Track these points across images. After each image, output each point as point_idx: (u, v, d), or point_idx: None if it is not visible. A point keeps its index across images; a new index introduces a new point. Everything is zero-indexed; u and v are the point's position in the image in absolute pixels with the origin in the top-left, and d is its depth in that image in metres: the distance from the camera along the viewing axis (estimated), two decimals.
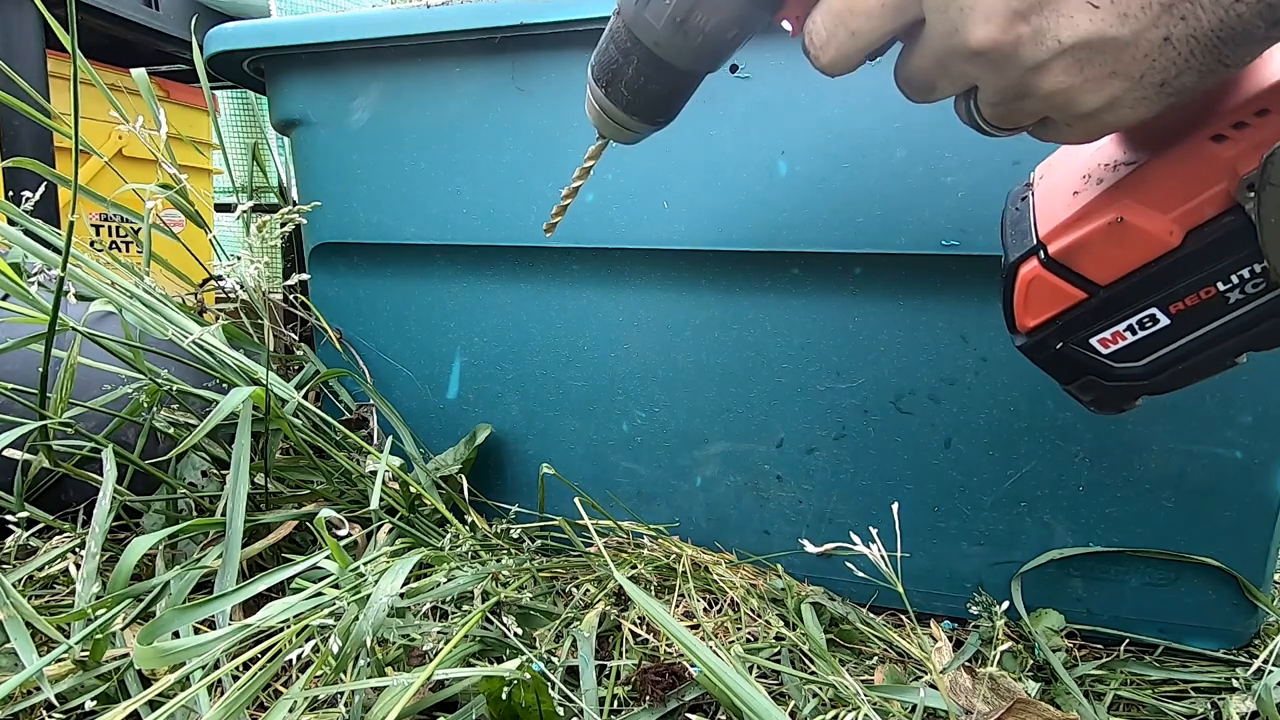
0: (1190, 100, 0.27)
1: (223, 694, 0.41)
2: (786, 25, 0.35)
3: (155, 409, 0.63)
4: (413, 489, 0.66)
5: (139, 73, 0.82)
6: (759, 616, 0.59)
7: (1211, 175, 0.29)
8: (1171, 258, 0.31)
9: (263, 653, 0.44)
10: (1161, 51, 0.25)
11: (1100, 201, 0.31)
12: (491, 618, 0.53)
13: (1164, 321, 0.32)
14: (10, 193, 0.91)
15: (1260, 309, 0.31)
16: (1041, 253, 0.33)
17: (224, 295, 0.81)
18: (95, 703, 0.44)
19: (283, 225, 0.65)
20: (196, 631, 0.45)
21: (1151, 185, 0.30)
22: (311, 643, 0.44)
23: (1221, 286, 0.31)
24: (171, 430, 0.64)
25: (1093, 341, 0.34)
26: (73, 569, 0.57)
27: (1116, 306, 0.32)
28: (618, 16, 0.36)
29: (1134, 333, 0.33)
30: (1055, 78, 0.27)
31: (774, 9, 0.34)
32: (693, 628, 0.57)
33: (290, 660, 0.44)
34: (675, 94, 0.38)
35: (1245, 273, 0.30)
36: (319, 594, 0.46)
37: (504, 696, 0.42)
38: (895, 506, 0.59)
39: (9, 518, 0.58)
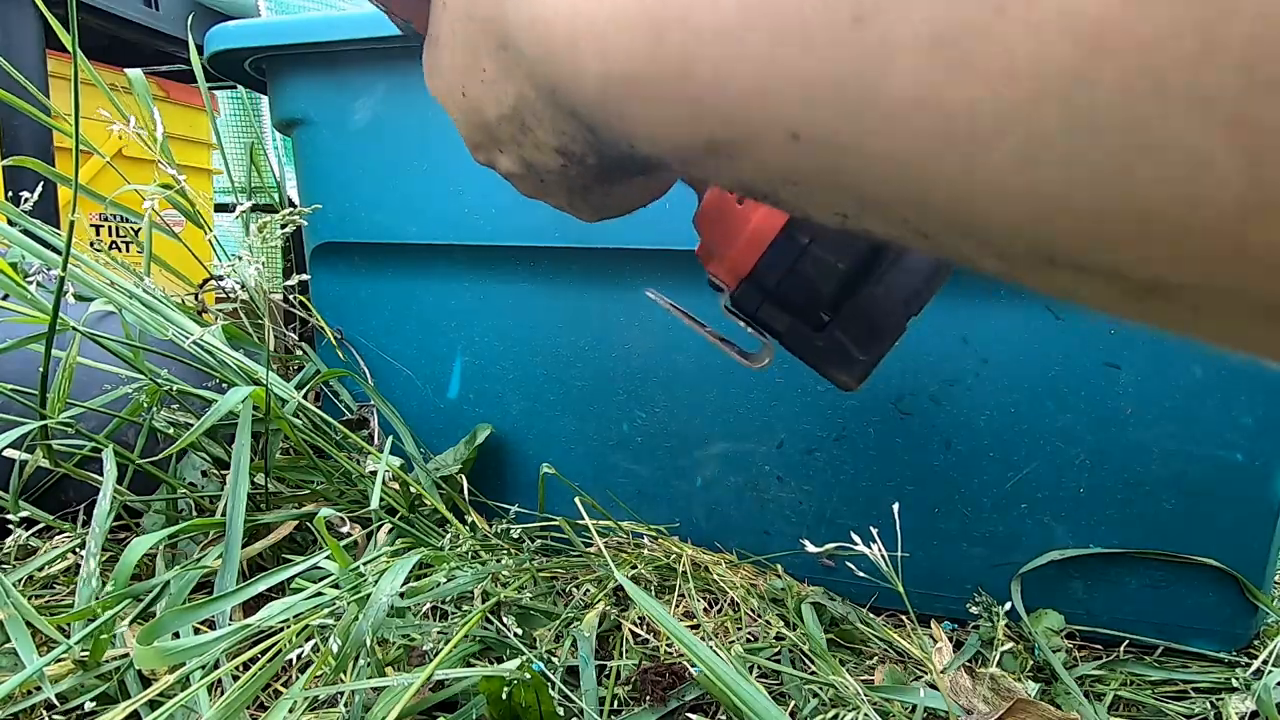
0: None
1: (223, 694, 0.41)
2: None
3: (155, 409, 0.63)
4: (413, 489, 0.65)
5: (135, 73, 0.82)
6: (759, 616, 0.59)
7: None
8: None
9: (263, 653, 0.44)
10: (543, 194, 0.31)
11: None
12: (491, 618, 0.53)
13: None
14: (10, 193, 0.91)
15: None
16: None
17: (224, 295, 0.81)
18: (95, 703, 0.44)
19: (283, 226, 0.65)
20: (196, 631, 0.45)
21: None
22: (311, 643, 0.44)
23: None
24: (171, 430, 0.64)
25: None
26: (76, 567, 0.57)
27: None
28: None
29: None
30: (522, 188, 0.32)
31: None
32: (693, 628, 0.57)
33: (290, 660, 0.44)
34: None
35: None
36: (319, 594, 0.46)
37: (504, 696, 0.42)
38: (895, 507, 0.58)
39: (9, 518, 0.58)
